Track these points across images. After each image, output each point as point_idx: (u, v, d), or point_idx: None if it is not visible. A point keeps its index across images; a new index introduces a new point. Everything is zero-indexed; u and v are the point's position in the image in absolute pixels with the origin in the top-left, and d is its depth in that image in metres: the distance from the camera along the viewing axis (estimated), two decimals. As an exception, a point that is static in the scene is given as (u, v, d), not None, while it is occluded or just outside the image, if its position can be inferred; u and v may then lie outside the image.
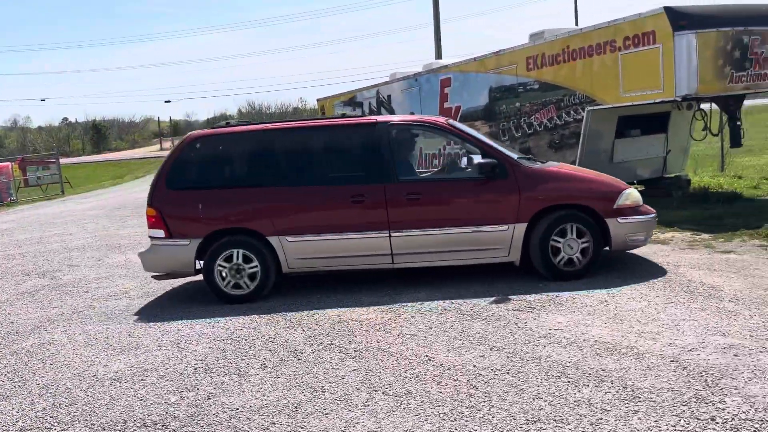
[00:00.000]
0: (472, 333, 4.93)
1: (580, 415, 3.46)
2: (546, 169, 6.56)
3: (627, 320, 4.95)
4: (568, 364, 4.17)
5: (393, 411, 3.70)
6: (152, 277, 6.95)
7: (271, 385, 4.23)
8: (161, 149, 66.26)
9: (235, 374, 4.47)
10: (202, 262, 6.48)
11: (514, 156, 6.56)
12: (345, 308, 5.88)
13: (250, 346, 5.04)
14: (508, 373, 4.11)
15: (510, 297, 5.82)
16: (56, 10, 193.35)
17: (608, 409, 3.51)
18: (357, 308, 5.85)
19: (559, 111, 10.68)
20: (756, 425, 3.22)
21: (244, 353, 4.88)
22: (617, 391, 3.72)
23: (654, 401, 3.56)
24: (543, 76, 10.90)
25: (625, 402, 3.58)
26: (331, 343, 4.93)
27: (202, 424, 3.74)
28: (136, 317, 6.18)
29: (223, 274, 6.36)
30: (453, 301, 5.85)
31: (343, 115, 6.94)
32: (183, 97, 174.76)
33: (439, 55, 24.49)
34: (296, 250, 6.35)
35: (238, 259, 6.35)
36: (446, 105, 13.50)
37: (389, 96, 16.23)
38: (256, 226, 6.35)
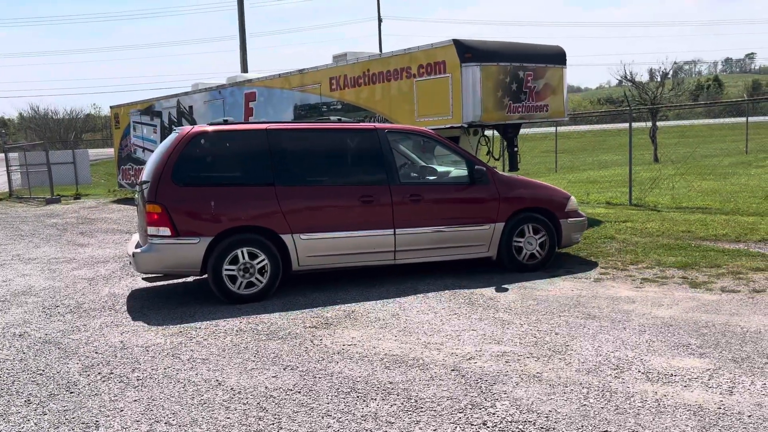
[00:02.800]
0: (267, 353, 4.84)
1: (366, 430, 3.54)
2: (512, 177, 7.65)
3: (415, 332, 5.20)
4: (358, 379, 4.25)
5: (176, 442, 3.48)
6: (143, 279, 6.68)
7: (35, 423, 3.76)
8: None
9: (-10, 415, 3.91)
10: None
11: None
12: (130, 332, 5.46)
13: (14, 380, 4.45)
14: (299, 392, 4.09)
15: (308, 314, 5.83)
16: None
17: (393, 421, 3.63)
18: (144, 332, 5.46)
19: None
20: (520, 426, 3.53)
21: (5, 389, 4.29)
22: (402, 403, 3.87)
23: (435, 410, 3.76)
24: (345, 96, 11.21)
25: (409, 413, 3.73)
26: (111, 373, 4.53)
27: (-59, 478, 3.20)
28: None
29: (232, 274, 6.25)
30: (250, 320, 5.71)
31: (339, 120, 7.50)
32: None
33: (245, 69, 24.15)
34: (309, 248, 6.53)
35: (251, 258, 6.31)
36: (251, 119, 13.29)
37: (191, 107, 15.61)
38: (271, 224, 6.39)
